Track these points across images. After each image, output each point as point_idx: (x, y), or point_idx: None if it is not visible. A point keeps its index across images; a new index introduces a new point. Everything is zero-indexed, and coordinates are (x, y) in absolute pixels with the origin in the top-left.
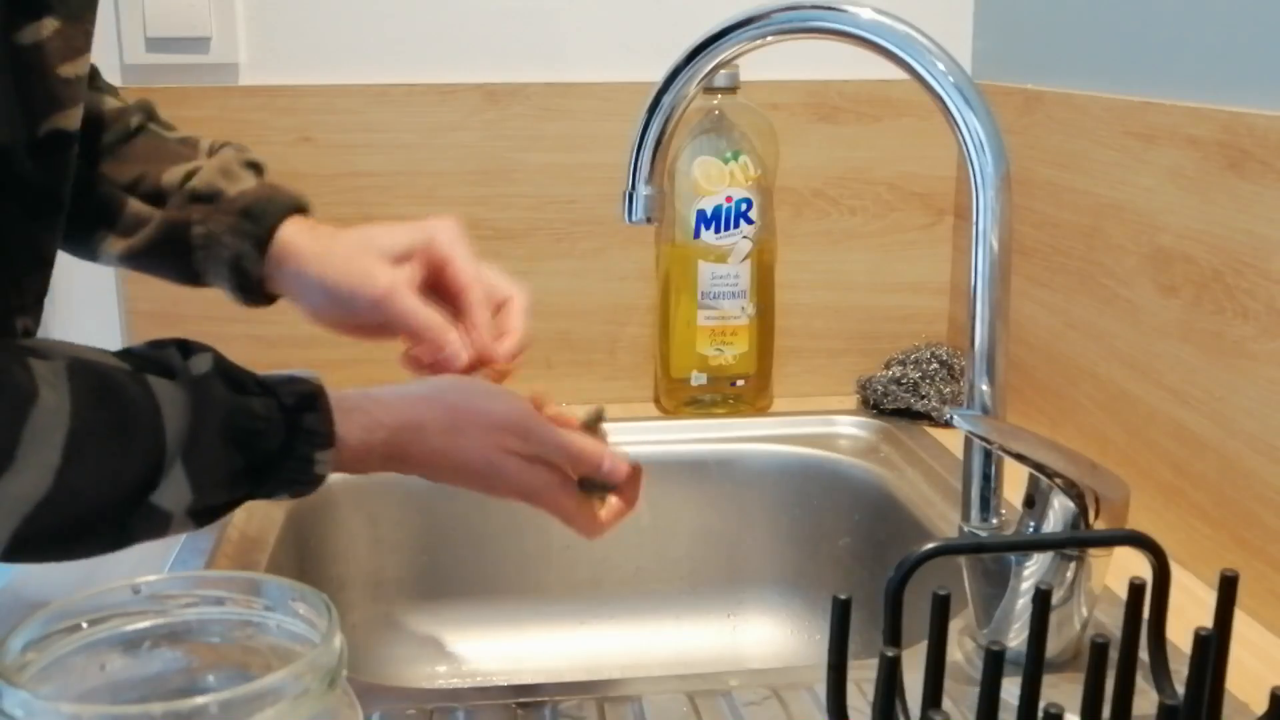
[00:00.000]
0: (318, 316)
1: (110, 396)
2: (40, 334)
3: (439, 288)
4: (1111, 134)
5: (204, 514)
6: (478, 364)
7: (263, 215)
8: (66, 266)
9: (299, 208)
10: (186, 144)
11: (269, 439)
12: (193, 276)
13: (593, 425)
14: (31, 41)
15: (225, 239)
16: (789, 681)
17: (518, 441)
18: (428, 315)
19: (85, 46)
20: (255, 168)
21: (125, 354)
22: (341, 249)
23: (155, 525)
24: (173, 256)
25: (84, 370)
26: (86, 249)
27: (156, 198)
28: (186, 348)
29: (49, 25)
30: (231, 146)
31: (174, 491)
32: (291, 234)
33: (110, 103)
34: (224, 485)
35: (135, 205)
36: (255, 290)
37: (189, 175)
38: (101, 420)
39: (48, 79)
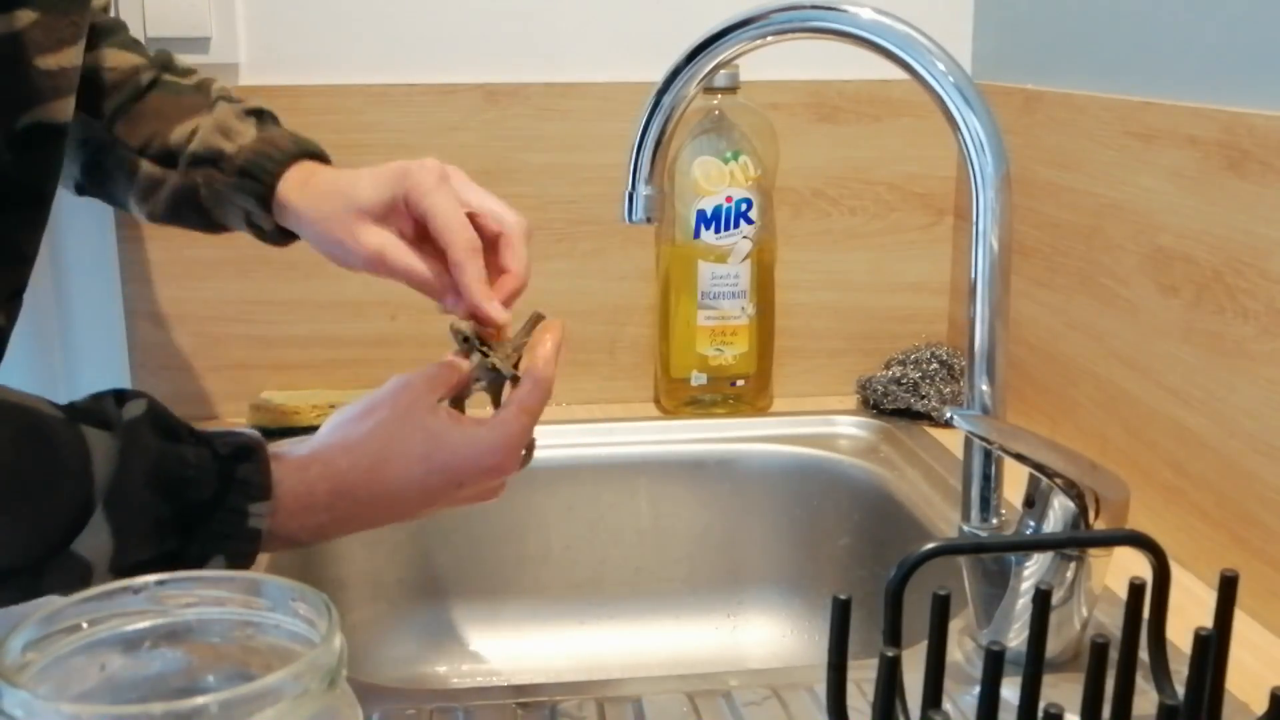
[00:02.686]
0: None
1: (39, 443)
2: (41, 334)
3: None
4: (1111, 134)
5: (128, 571)
6: (476, 319)
7: (261, 172)
8: (67, 266)
9: (296, 155)
10: (200, 91)
11: (199, 489)
12: (218, 227)
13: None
14: (4, 32)
15: (231, 197)
16: (789, 681)
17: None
18: (420, 272)
19: (72, 38)
20: (257, 114)
21: (64, 406)
22: (329, 208)
23: (73, 575)
24: (192, 215)
25: (14, 414)
26: (120, 206)
27: (166, 158)
28: (122, 396)
29: (25, 16)
30: (228, 100)
31: (94, 540)
32: (288, 191)
33: (126, 61)
34: (149, 536)
35: (148, 167)
36: (274, 234)
37: (192, 134)
38: (27, 468)
39: (25, 70)
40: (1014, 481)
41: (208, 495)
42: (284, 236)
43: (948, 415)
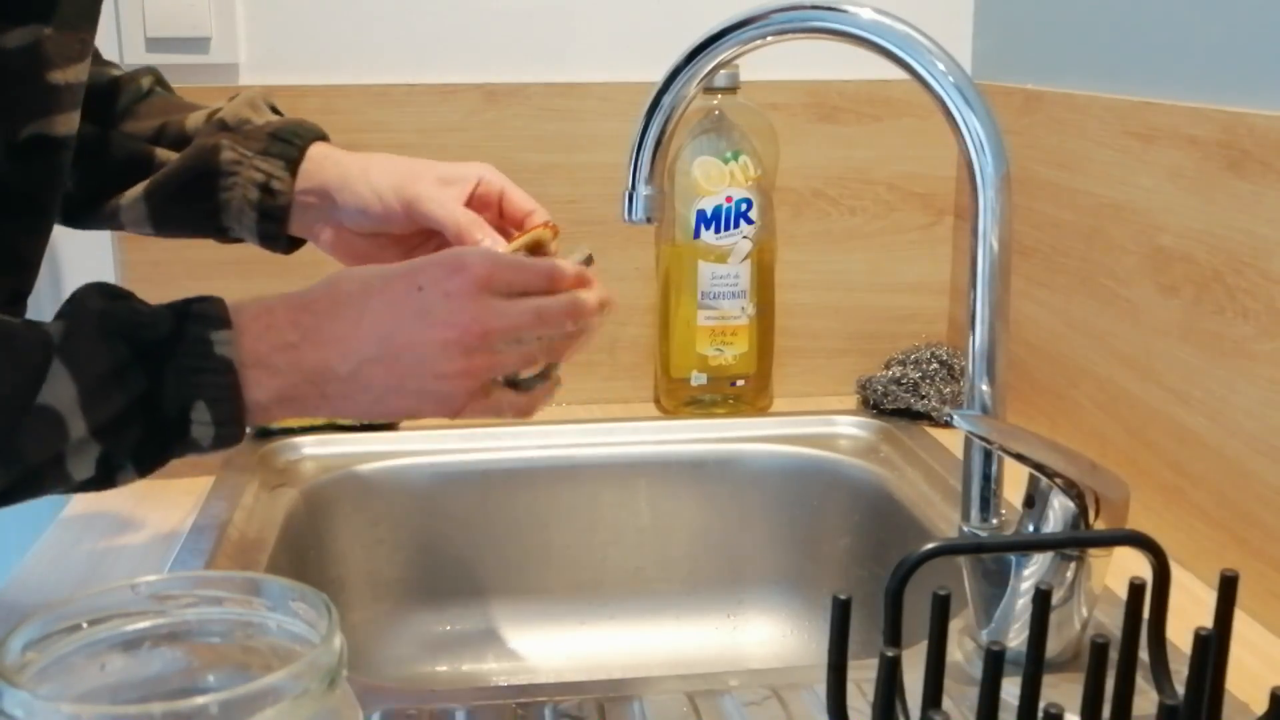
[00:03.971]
0: (342, 240)
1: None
2: None
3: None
4: (1111, 134)
5: (108, 428)
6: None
7: (294, 136)
8: (66, 265)
9: (325, 136)
10: (199, 103)
11: (154, 329)
12: (216, 210)
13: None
14: (13, 46)
15: (255, 161)
16: (789, 681)
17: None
18: (471, 216)
19: (80, 55)
20: (276, 111)
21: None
22: (391, 160)
23: (47, 429)
24: (199, 186)
25: None
26: (110, 212)
27: (183, 143)
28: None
29: (38, 31)
30: (255, 89)
31: (57, 387)
32: (326, 149)
33: (117, 71)
34: (112, 379)
35: (163, 154)
36: (280, 220)
37: (213, 114)
38: None
39: (33, 84)
40: (1014, 481)
41: (165, 332)
42: (284, 236)
43: (948, 415)
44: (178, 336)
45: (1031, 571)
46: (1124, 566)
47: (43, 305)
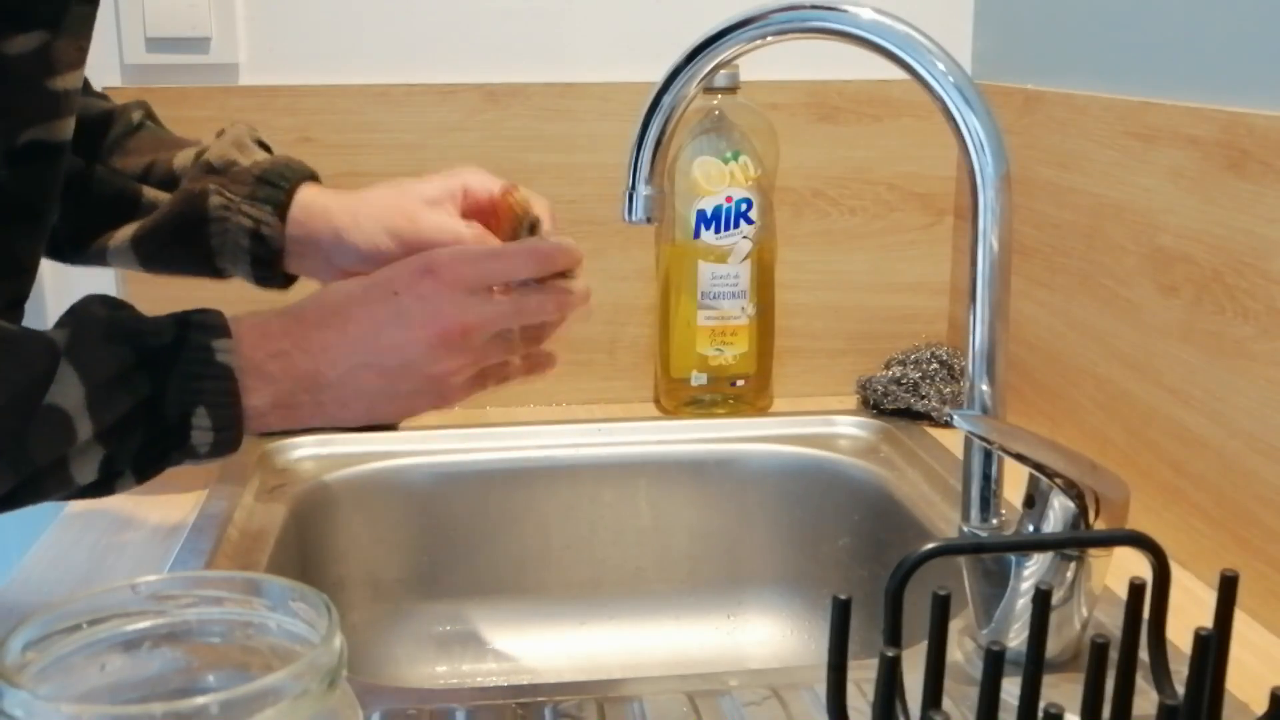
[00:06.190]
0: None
1: (4, 338)
2: None
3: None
4: (1111, 134)
5: (113, 432)
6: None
7: (280, 179)
8: (66, 267)
9: (313, 176)
10: (188, 138)
11: (157, 337)
12: (208, 255)
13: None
14: (17, 52)
15: (244, 207)
16: (789, 681)
17: (438, 269)
18: (473, 232)
19: (78, 61)
20: (264, 146)
21: None
22: (377, 198)
23: (54, 428)
24: (188, 233)
25: None
26: (98, 251)
27: (170, 183)
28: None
29: (37, 37)
30: (241, 124)
31: (65, 389)
32: (313, 195)
33: (109, 104)
34: (118, 382)
35: (151, 193)
36: (273, 264)
37: (200, 154)
38: None
39: (32, 90)
40: (1014, 481)
41: (168, 339)
42: (280, 274)
43: (948, 415)
44: (180, 343)
45: (1031, 571)
46: (1124, 566)
47: (42, 304)
